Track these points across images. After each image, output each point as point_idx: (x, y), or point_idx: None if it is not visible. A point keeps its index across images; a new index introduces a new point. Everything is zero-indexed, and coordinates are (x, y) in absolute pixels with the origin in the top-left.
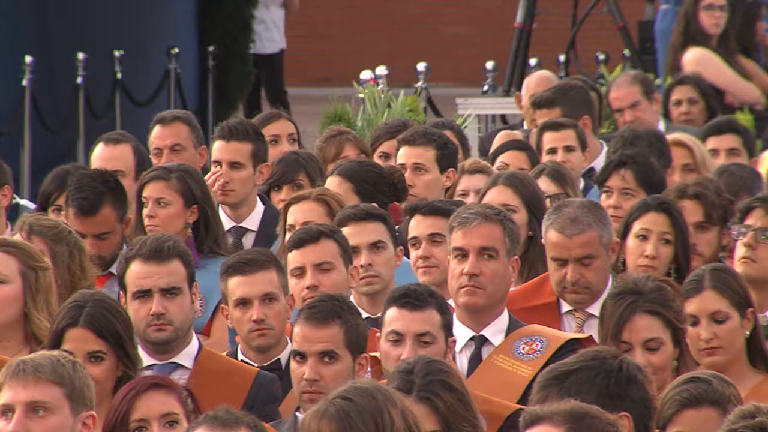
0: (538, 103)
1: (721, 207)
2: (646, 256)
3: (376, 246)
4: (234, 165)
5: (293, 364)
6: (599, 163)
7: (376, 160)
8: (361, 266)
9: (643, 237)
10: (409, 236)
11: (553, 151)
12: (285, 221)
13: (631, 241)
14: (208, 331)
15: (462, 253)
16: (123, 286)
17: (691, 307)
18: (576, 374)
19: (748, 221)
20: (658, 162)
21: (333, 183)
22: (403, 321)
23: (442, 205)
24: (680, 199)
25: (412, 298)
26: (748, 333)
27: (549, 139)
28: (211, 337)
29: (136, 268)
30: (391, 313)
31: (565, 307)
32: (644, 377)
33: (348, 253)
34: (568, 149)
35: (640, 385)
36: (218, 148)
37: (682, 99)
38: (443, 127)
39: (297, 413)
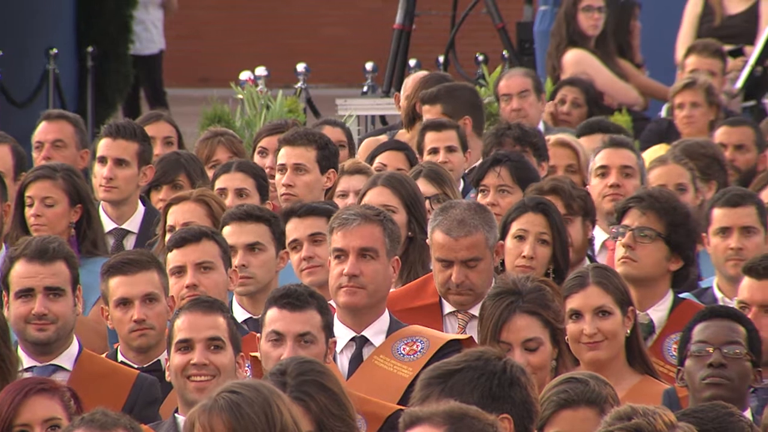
0: (422, 99)
1: (579, 198)
2: (524, 257)
3: (252, 247)
4: (119, 162)
5: (177, 356)
6: None
7: (256, 156)
8: (236, 267)
9: (521, 237)
10: (289, 240)
11: (434, 151)
12: (165, 222)
13: (509, 242)
14: None
15: (342, 254)
16: (6, 286)
17: (574, 302)
18: (459, 374)
19: (625, 221)
20: (534, 154)
21: (238, 179)
22: (283, 321)
23: (318, 205)
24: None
25: (292, 299)
26: (628, 332)
27: (431, 139)
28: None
29: (20, 268)
30: (272, 313)
31: (448, 308)
32: (527, 380)
33: (228, 255)
34: (450, 149)
35: (522, 388)
36: (104, 145)
37: (567, 99)
38: (332, 125)
39: (176, 414)
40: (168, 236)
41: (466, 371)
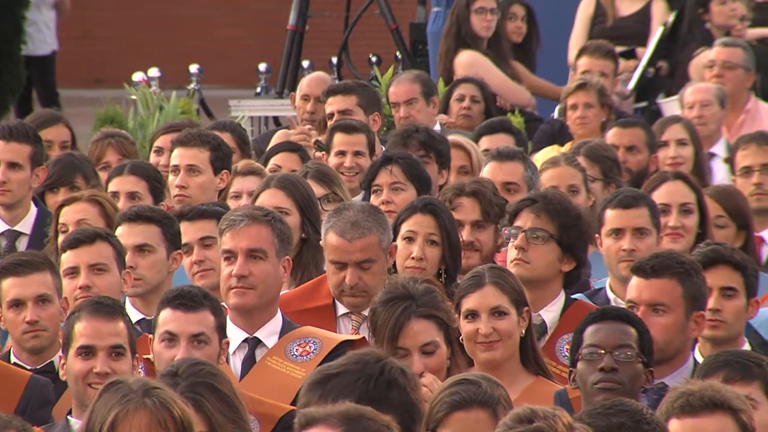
0: (333, 90)
1: (498, 206)
2: (413, 258)
3: (141, 248)
4: (12, 166)
5: (78, 362)
6: None
7: (152, 155)
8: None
9: (410, 239)
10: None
11: (342, 153)
12: (57, 223)
13: (399, 243)
14: None
15: (231, 255)
16: None
17: (471, 302)
18: (337, 378)
19: (518, 223)
20: (437, 161)
21: (130, 182)
22: (177, 322)
23: (207, 208)
24: (458, 197)
25: (186, 300)
26: (523, 332)
27: (339, 141)
28: None
29: None
30: (165, 314)
31: (342, 309)
32: (407, 381)
33: (122, 256)
34: (358, 154)
35: (401, 390)
36: None
37: (466, 95)
38: (225, 129)
39: (69, 417)
40: (61, 237)
41: (344, 375)
